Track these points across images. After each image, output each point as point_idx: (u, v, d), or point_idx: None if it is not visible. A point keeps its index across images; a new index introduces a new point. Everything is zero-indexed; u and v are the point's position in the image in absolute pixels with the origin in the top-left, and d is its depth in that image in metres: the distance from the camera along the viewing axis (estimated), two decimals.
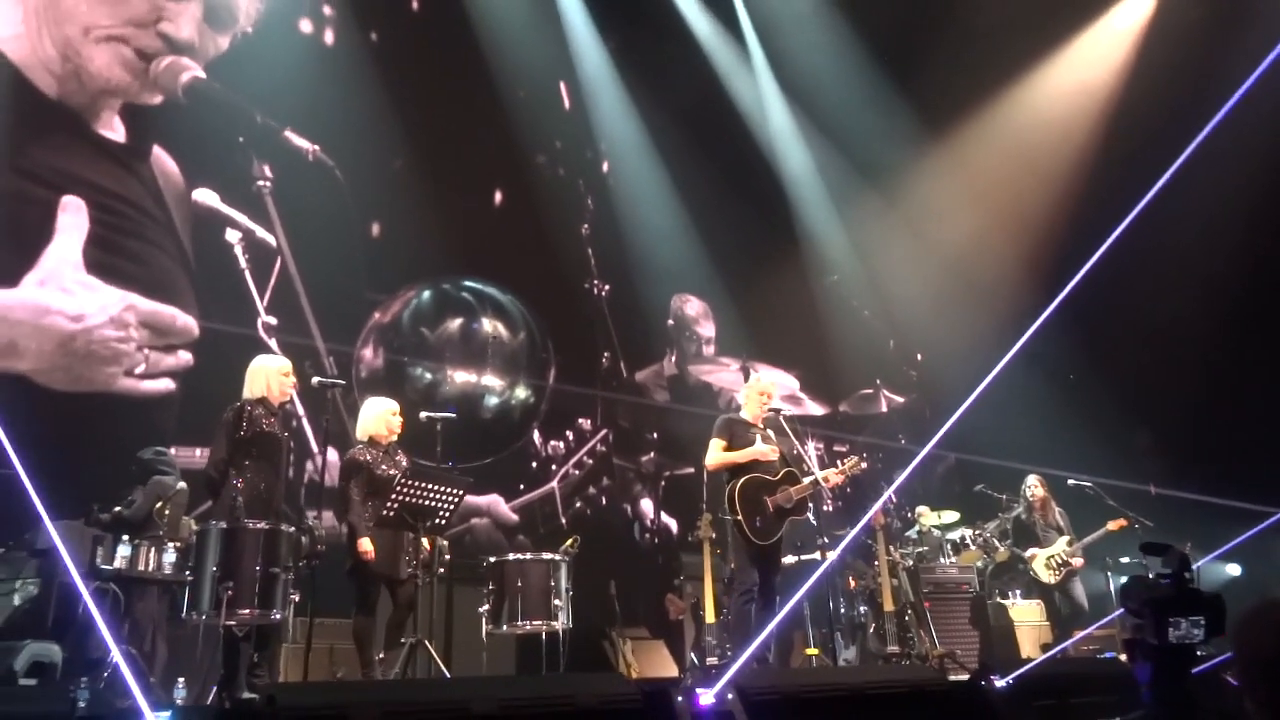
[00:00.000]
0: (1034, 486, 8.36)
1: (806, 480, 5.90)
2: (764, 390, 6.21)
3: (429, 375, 9.37)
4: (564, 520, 9.59)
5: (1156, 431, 10.26)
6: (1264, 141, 8.76)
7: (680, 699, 3.40)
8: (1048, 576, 8.05)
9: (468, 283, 9.87)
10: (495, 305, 9.95)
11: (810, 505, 6.25)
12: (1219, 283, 9.35)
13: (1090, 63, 10.63)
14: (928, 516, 8.82)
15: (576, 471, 10.03)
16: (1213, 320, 9.46)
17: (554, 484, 9.81)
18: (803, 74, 11.16)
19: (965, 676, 5.66)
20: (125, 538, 5.82)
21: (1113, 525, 7.95)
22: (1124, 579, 5.79)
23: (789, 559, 6.84)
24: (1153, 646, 2.15)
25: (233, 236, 8.47)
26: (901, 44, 10.65)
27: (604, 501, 10.15)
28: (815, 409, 11.41)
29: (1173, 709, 2.09)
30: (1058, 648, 7.03)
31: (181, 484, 6.27)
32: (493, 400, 9.74)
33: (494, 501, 9.29)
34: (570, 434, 10.16)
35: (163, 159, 8.30)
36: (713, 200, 10.72)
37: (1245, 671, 1.62)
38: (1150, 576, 2.20)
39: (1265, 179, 8.94)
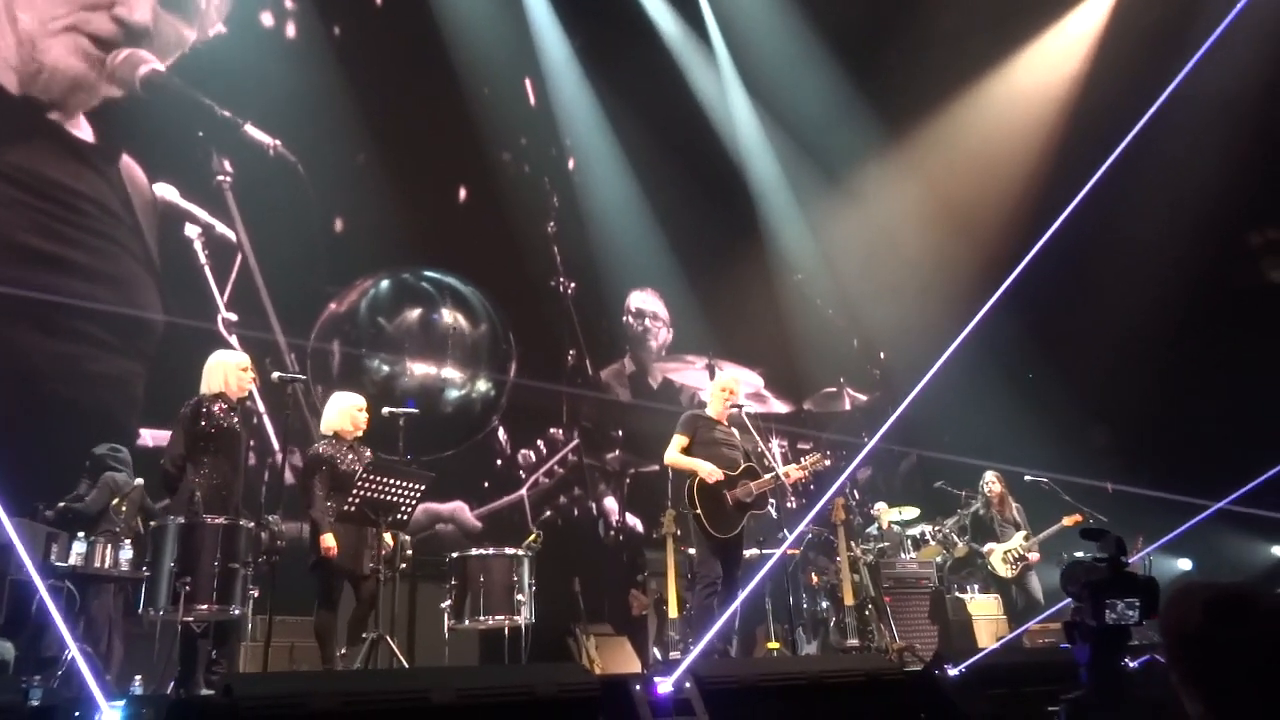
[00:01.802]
0: (991, 483, 8.50)
1: (767, 475, 5.96)
2: (726, 386, 6.27)
3: (386, 367, 9.30)
4: (533, 530, 9.58)
5: (1112, 428, 10.49)
6: (1215, 147, 9.01)
7: (638, 688, 3.43)
8: (1004, 571, 8.19)
9: (428, 273, 9.80)
10: (456, 296, 9.87)
11: (773, 501, 6.31)
12: (1172, 285, 9.59)
13: (1047, 66, 10.84)
14: (886, 513, 8.94)
15: (547, 480, 10.00)
16: (1167, 321, 9.71)
17: (523, 491, 9.76)
18: (767, 73, 11.26)
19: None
20: (81, 534, 5.75)
21: (1068, 520, 8.10)
22: None
23: (751, 551, 6.90)
24: (1091, 628, 2.22)
25: (192, 232, 8.38)
26: (864, 45, 10.79)
27: (576, 512, 10.13)
28: (779, 407, 11.51)
29: (1107, 688, 2.16)
30: (1008, 636, 7.15)
31: (139, 480, 6.21)
32: (453, 393, 9.68)
33: (458, 509, 9.23)
34: (542, 442, 10.14)
35: (131, 166, 8.19)
36: (678, 198, 10.77)
37: (1170, 648, 1.69)
38: (1088, 559, 2.28)
39: (1216, 185, 9.18)
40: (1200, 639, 1.65)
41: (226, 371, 5.32)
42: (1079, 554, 8.50)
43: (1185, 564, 9.64)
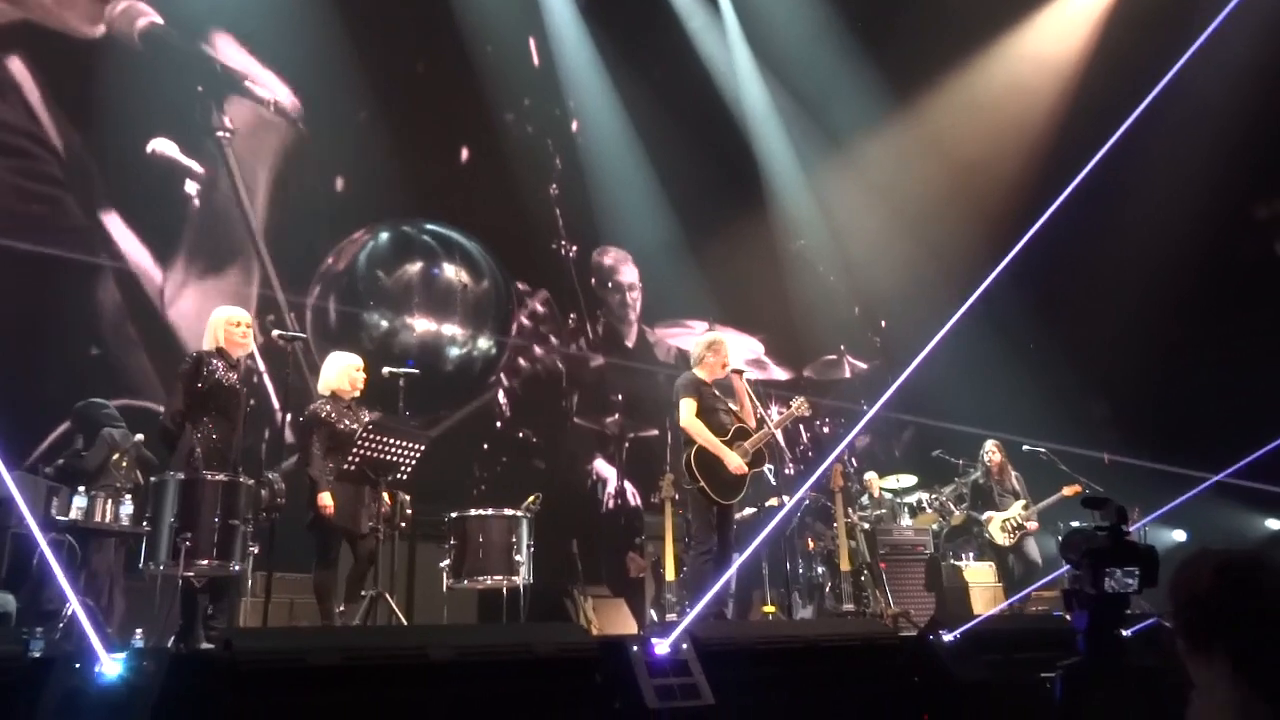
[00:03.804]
0: (991, 451, 8.52)
1: (759, 432, 5.97)
2: (718, 349, 6.18)
3: (385, 323, 9.23)
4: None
5: (1111, 400, 10.50)
6: (1224, 117, 8.93)
7: (635, 649, 3.45)
8: (1003, 539, 8.24)
9: (429, 226, 9.68)
10: (459, 250, 9.79)
11: (771, 467, 6.32)
12: (1176, 258, 9.56)
13: (1056, 34, 10.71)
14: (877, 482, 8.95)
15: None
16: (1168, 294, 9.69)
17: None
18: (774, 37, 11.12)
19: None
20: (81, 489, 5.77)
21: (1068, 490, 8.14)
22: None
23: (747, 510, 6.93)
24: (1090, 596, 2.23)
25: (191, 188, 8.32)
26: (871, 10, 10.64)
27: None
28: (779, 373, 11.51)
29: (1105, 656, 2.17)
30: (1005, 603, 7.21)
31: (138, 435, 6.21)
32: (454, 351, 9.63)
33: None
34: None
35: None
36: (681, 162, 10.68)
37: (1179, 613, 1.69)
38: (1089, 528, 2.28)
39: (1221, 160, 9.12)
40: (1211, 604, 1.64)
41: (217, 327, 5.29)
42: (1075, 523, 8.58)
43: (1180, 535, 9.69)
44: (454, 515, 5.99)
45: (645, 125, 10.68)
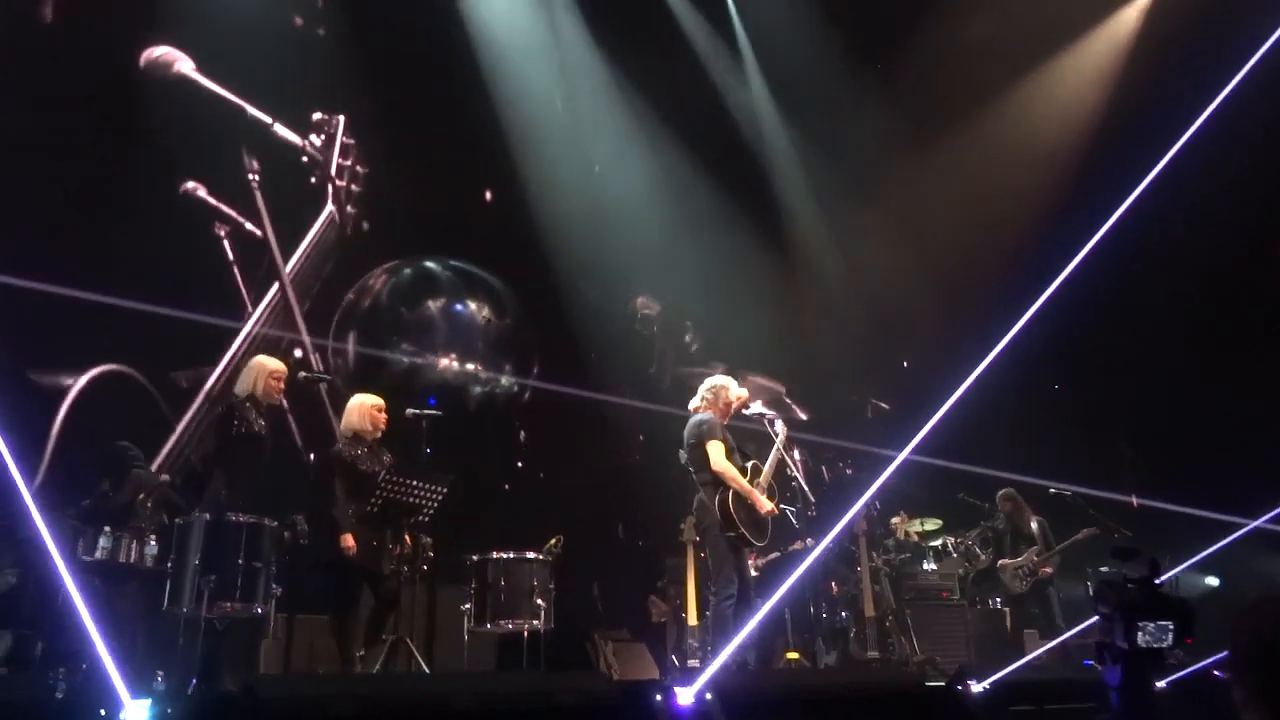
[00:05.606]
0: (1000, 499, 8.48)
1: (768, 464, 5.93)
2: (726, 388, 6.17)
3: (406, 360, 9.27)
4: None
5: (1139, 441, 10.36)
6: (1248, 155, 8.90)
7: (659, 698, 3.41)
8: (1016, 585, 8.16)
9: (453, 262, 9.73)
10: (482, 285, 9.84)
11: (793, 508, 6.27)
12: (1199, 299, 9.49)
13: (1075, 77, 10.75)
14: (905, 524, 8.81)
15: None
16: (1196, 331, 9.60)
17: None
18: (796, 81, 11.20)
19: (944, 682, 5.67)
20: (106, 529, 5.80)
21: (1084, 533, 8.09)
22: None
23: (771, 556, 6.86)
24: (1122, 650, 2.18)
25: (221, 230, 8.45)
26: (892, 52, 10.73)
27: None
28: (800, 416, 11.44)
29: (1139, 711, 2.12)
30: (1033, 654, 7.08)
31: (164, 476, 6.26)
32: (476, 388, 9.63)
33: None
34: None
35: None
36: (703, 205, 10.72)
37: (1239, 659, 1.64)
38: (1118, 577, 2.24)
39: (1250, 194, 9.07)
40: (1273, 649, 1.60)
41: (258, 376, 5.37)
42: (1104, 569, 8.45)
43: (1213, 580, 9.50)
44: (475, 558, 5.97)
45: (666, 168, 10.75)
